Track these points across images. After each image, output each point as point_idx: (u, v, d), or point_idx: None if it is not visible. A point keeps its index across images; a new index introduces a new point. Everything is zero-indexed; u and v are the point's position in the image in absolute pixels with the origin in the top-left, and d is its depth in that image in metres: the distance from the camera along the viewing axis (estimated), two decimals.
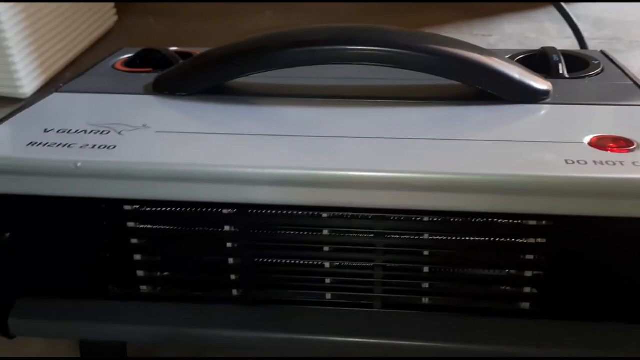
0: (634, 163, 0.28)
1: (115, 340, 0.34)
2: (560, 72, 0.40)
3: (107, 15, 0.92)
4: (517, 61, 0.43)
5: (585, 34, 0.77)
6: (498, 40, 0.73)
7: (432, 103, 0.36)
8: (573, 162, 0.28)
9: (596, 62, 0.42)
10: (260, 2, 1.02)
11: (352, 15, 0.96)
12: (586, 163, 0.28)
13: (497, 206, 0.28)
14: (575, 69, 0.41)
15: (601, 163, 0.28)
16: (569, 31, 0.79)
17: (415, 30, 0.38)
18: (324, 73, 0.39)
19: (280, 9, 0.99)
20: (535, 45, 0.74)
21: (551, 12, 0.79)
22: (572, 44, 0.77)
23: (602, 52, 0.45)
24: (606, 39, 0.70)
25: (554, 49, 0.43)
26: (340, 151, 0.30)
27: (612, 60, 0.43)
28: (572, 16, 0.51)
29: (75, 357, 0.37)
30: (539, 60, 0.42)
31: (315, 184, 0.28)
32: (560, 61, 0.41)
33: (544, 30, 0.54)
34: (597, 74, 0.40)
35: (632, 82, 0.39)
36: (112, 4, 0.92)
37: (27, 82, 0.74)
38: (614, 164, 0.28)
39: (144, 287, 0.34)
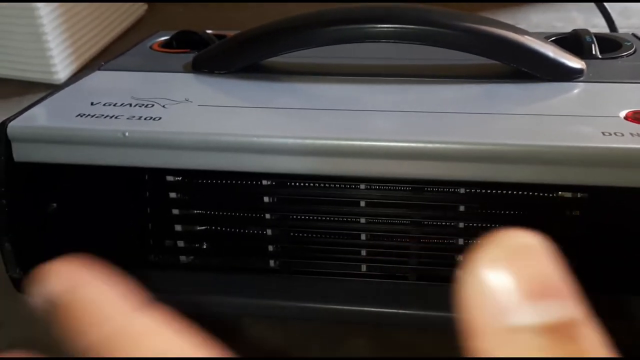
0: None
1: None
2: (593, 52, 0.40)
3: (137, 4, 0.93)
4: (552, 42, 0.43)
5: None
6: None
7: (468, 81, 0.37)
8: (610, 134, 0.29)
9: (629, 44, 0.42)
10: None
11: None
12: (623, 135, 0.28)
13: (534, 176, 0.29)
14: (608, 50, 0.41)
15: (638, 135, 0.28)
16: (596, 20, 0.79)
17: (451, 10, 0.38)
18: (360, 52, 0.40)
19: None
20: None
21: (578, 4, 0.79)
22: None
23: (634, 35, 0.45)
24: (634, 27, 0.69)
25: (586, 30, 0.43)
26: (376, 123, 0.31)
27: None
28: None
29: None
30: (572, 42, 0.43)
31: (351, 154, 0.29)
32: (593, 42, 0.41)
33: (571, 19, 0.54)
34: (630, 54, 0.41)
35: None
36: None
37: (62, 68, 0.76)
38: None
39: (183, 257, 0.35)
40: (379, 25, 0.36)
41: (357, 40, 0.36)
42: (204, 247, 0.35)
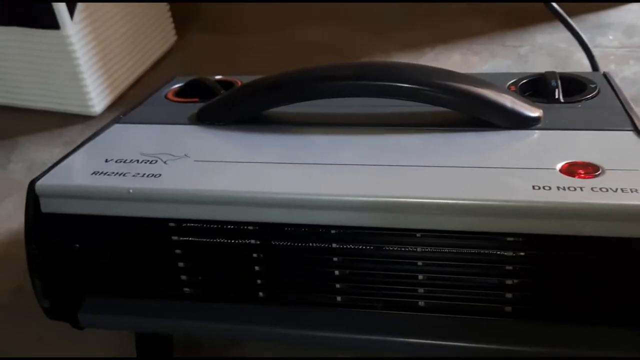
0: (592, 189, 0.32)
1: (163, 332, 0.42)
2: (556, 97, 0.44)
3: (167, 36, 1.01)
4: (522, 84, 0.47)
5: (615, 43, 0.80)
6: (528, 51, 0.76)
7: (432, 129, 0.41)
8: (539, 188, 0.33)
9: (593, 86, 0.45)
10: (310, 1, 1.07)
11: (397, 22, 1.00)
12: (550, 189, 0.33)
13: (472, 226, 0.33)
14: (573, 92, 0.45)
15: (564, 188, 0.32)
16: (599, 40, 0.81)
17: (418, 65, 0.43)
18: (343, 102, 0.45)
19: (326, 20, 1.05)
20: (564, 56, 0.77)
21: (583, 21, 0.82)
22: (600, 53, 0.79)
23: (604, 75, 0.48)
24: (635, 46, 0.72)
25: (553, 73, 0.46)
26: (343, 178, 0.36)
27: (610, 84, 0.46)
28: (583, 36, 0.54)
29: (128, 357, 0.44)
30: (541, 85, 0.46)
31: (317, 206, 0.34)
32: (557, 87, 0.45)
33: (574, 41, 0.57)
34: (592, 97, 0.44)
35: (621, 107, 0.42)
36: (172, 25, 1.00)
37: (98, 102, 0.83)
38: (575, 189, 0.32)
39: (186, 289, 0.40)
40: (357, 82, 0.41)
41: (339, 95, 0.42)
42: (203, 279, 0.40)
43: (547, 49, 0.77)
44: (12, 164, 0.77)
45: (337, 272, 0.38)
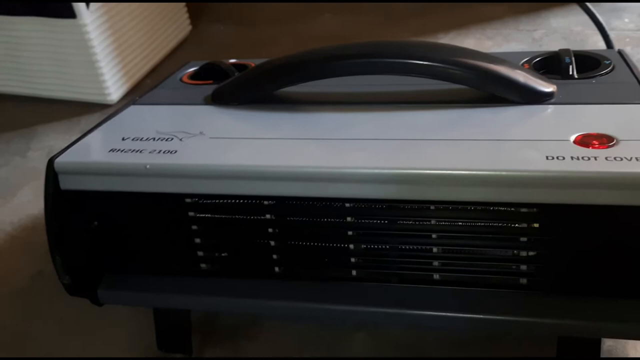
0: (606, 158, 0.32)
1: (181, 307, 0.42)
2: (570, 73, 0.44)
3: (182, 26, 1.01)
4: (536, 62, 0.47)
5: (631, 25, 0.79)
6: (543, 35, 0.76)
7: (449, 106, 0.41)
8: (553, 158, 0.33)
9: (607, 62, 0.45)
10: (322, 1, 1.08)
11: (410, 10, 1.00)
12: (564, 158, 0.33)
13: (486, 196, 0.33)
14: (587, 69, 0.45)
15: (577, 158, 0.32)
16: (614, 23, 0.81)
17: (431, 43, 0.43)
18: (354, 81, 0.45)
19: (339, 10, 1.05)
20: (579, 39, 0.77)
21: (598, 5, 0.81)
22: (616, 35, 0.78)
23: (619, 52, 0.48)
24: None
25: (567, 50, 0.46)
26: (357, 152, 0.36)
27: (625, 60, 0.46)
28: (598, 15, 0.54)
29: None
30: (555, 62, 0.46)
31: (332, 178, 0.34)
32: (570, 63, 0.44)
33: (590, 24, 0.57)
34: (606, 73, 0.44)
35: (637, 82, 0.42)
36: (186, 16, 1.01)
37: (114, 90, 0.84)
38: (589, 159, 0.32)
39: (203, 265, 0.41)
40: (370, 60, 0.42)
41: (352, 73, 0.42)
42: (219, 255, 0.41)
43: (561, 33, 0.77)
44: (31, 152, 0.78)
45: (352, 246, 0.38)
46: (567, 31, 0.76)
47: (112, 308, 0.45)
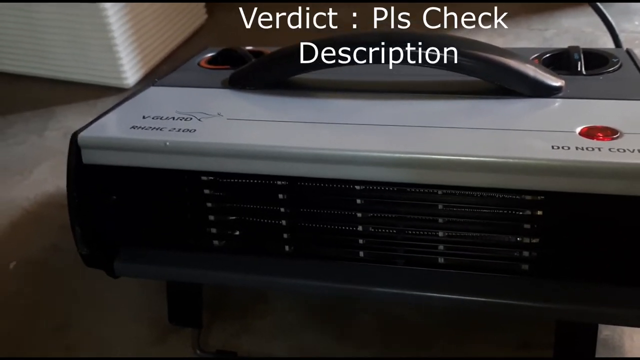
0: (610, 149, 0.33)
1: (194, 281, 0.44)
2: (578, 69, 0.45)
3: (198, 14, 1.03)
4: (545, 58, 0.48)
5: None
6: (554, 35, 0.77)
7: (460, 96, 0.42)
8: (558, 148, 0.34)
9: (615, 60, 0.46)
10: None
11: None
12: (569, 148, 0.34)
13: (492, 182, 0.35)
14: (595, 67, 0.46)
15: (582, 149, 0.34)
16: (625, 25, 0.82)
17: (442, 34, 0.44)
18: (368, 70, 0.46)
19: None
20: (589, 40, 0.78)
21: (610, 6, 0.82)
22: (626, 38, 0.79)
23: (627, 51, 0.49)
24: None
25: (577, 47, 0.47)
26: (370, 136, 0.37)
27: (633, 59, 0.47)
28: (607, 15, 0.55)
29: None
30: (564, 58, 0.48)
31: (341, 161, 0.36)
32: (579, 60, 0.46)
33: (600, 25, 0.58)
34: (614, 70, 0.45)
35: None
36: (202, 4, 1.02)
37: (131, 74, 0.86)
38: (593, 149, 0.34)
39: (215, 241, 0.42)
40: (382, 48, 0.43)
41: (361, 61, 0.43)
42: (232, 233, 0.42)
43: (572, 33, 0.78)
44: (48, 131, 0.80)
45: (360, 228, 0.39)
46: (578, 32, 0.77)
47: (123, 282, 0.46)
